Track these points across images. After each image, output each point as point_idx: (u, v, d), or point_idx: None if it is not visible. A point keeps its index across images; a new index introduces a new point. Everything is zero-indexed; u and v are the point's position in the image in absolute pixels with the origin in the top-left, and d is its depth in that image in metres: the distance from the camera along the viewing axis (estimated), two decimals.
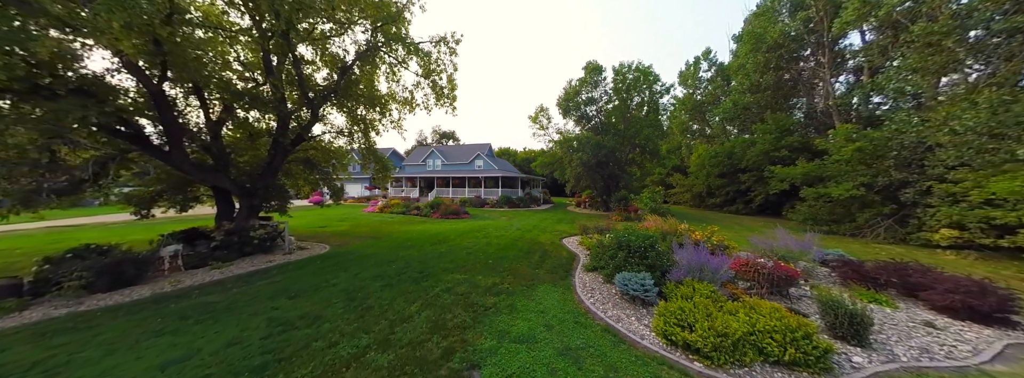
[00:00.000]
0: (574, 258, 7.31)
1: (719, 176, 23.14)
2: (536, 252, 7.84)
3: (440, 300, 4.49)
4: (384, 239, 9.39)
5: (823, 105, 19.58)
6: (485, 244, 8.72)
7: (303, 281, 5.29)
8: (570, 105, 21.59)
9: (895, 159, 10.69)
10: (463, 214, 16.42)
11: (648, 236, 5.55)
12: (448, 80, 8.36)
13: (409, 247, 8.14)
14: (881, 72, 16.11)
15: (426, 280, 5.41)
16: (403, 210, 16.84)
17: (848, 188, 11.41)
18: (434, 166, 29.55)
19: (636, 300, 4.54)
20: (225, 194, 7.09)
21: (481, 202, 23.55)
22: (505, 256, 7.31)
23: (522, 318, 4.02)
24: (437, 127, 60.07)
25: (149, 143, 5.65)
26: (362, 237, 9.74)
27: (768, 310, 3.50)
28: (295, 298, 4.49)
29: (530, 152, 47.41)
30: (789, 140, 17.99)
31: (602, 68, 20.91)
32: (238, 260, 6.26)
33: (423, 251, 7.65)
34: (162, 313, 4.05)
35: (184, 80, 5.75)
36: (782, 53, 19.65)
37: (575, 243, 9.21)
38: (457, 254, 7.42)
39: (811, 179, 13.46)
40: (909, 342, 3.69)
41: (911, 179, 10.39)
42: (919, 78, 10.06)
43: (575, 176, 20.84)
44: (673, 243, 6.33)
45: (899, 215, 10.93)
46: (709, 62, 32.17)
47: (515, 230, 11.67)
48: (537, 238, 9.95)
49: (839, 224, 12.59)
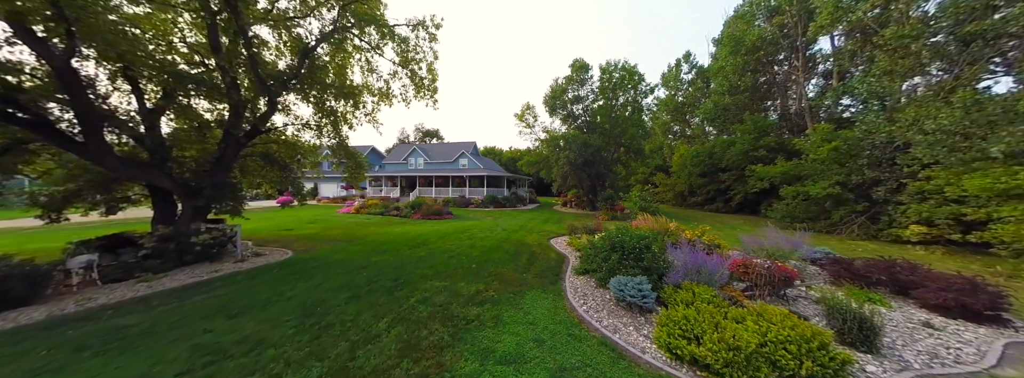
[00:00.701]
0: (563, 260, 6.92)
1: (700, 175, 23.63)
2: (523, 254, 7.39)
3: (415, 313, 3.93)
4: (357, 242, 8.63)
5: (797, 107, 20.38)
6: (469, 247, 8.18)
7: (251, 294, 4.55)
8: (557, 103, 21.34)
9: (868, 158, 11.06)
10: (446, 214, 15.75)
11: (642, 236, 5.23)
12: (428, 69, 7.74)
13: (384, 251, 7.46)
14: (849, 76, 16.91)
15: (400, 289, 4.82)
16: (381, 211, 15.95)
17: (824, 186, 11.73)
18: (416, 165, 28.53)
19: (633, 307, 4.17)
20: (164, 194, 6.10)
21: (466, 202, 22.89)
22: (490, 259, 6.81)
23: (509, 332, 3.55)
24: (420, 125, 58.55)
25: (56, 132, 4.69)
26: (332, 240, 8.93)
27: (779, 317, 3.21)
28: (236, 317, 3.78)
29: (516, 151, 47.05)
30: (766, 140, 18.53)
31: (589, 66, 20.81)
32: (175, 271, 5.36)
33: (400, 255, 7.01)
34: (52, 343, 3.21)
35: (109, 58, 4.85)
36: (760, 56, 20.27)
37: (563, 244, 8.84)
38: (438, 258, 6.84)
39: (789, 178, 13.82)
40: (916, 346, 3.52)
41: (883, 178, 10.78)
42: (888, 80, 10.45)
43: (562, 175, 20.60)
44: (667, 243, 6.06)
45: (871, 212, 11.33)
46: (690, 64, 32.97)
47: (501, 231, 11.19)
48: (524, 239, 9.52)
49: (815, 221, 12.98)
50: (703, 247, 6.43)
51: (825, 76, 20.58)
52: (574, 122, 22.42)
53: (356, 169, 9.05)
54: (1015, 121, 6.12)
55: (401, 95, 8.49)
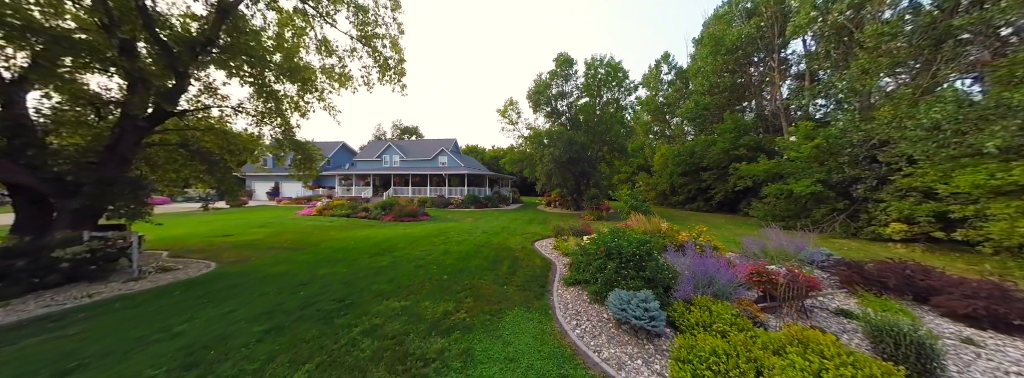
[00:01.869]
0: (550, 267, 6.06)
1: (681, 174, 23.74)
2: (504, 261, 6.47)
3: (354, 353, 2.90)
4: (307, 250, 7.34)
5: (772, 107, 20.84)
6: (442, 253, 7.15)
7: (120, 332, 3.26)
8: (541, 98, 20.58)
9: (849, 156, 11.08)
10: (422, 216, 14.53)
11: (642, 241, 4.46)
12: (392, 46, 6.61)
13: (337, 261, 6.27)
14: (821, 77, 17.37)
15: (344, 314, 3.75)
16: (348, 212, 14.47)
17: (808, 184, 11.68)
18: (391, 162, 26.83)
19: (639, 331, 3.36)
20: (28, 193, 4.58)
21: (445, 202, 21.65)
22: (465, 268, 5.83)
23: (483, 375, 2.62)
24: (397, 122, 56.13)
25: None
26: (277, 248, 7.58)
27: (831, 349, 2.47)
28: (73, 374, 2.57)
29: (499, 150, 45.97)
30: (746, 139, 18.72)
31: (573, 61, 20.21)
32: (29, 296, 3.96)
33: (355, 266, 5.86)
34: None
35: None
36: (738, 56, 20.52)
37: (549, 247, 8.01)
38: (402, 269, 5.77)
39: (772, 176, 13.80)
40: (971, 371, 2.93)
41: (862, 175, 10.81)
42: (868, 79, 10.49)
43: (546, 173, 19.85)
44: (667, 247, 5.35)
45: (850, 210, 11.40)
46: (669, 65, 33.40)
47: (480, 233, 10.21)
48: (506, 242, 8.60)
49: (796, 219, 13.04)
50: (702, 250, 5.81)
51: (797, 78, 21.25)
52: (558, 119, 21.78)
53: (306, 163, 7.72)
54: (1007, 115, 5.97)
55: (363, 78, 7.30)
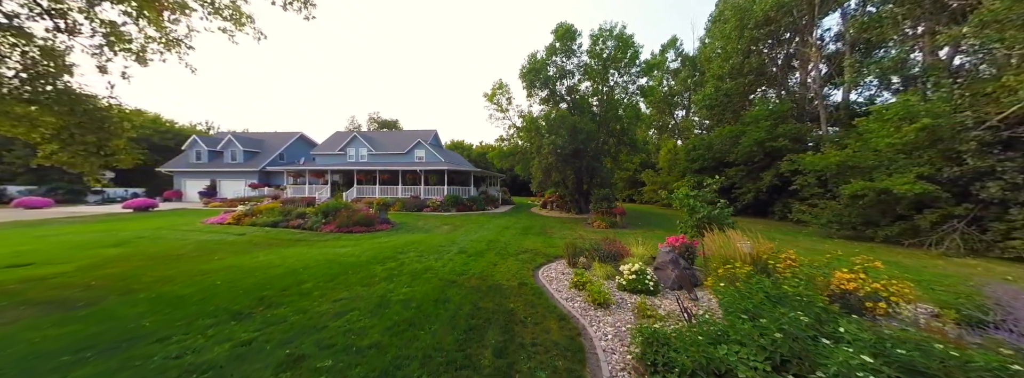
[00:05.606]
0: (578, 343, 2.41)
1: (697, 172, 20.55)
2: (489, 327, 2.78)
3: None
4: (98, 306, 3.40)
5: (809, 91, 17.87)
6: (378, 302, 3.41)
7: None
8: (536, 79, 16.89)
9: (976, 140, 7.93)
10: (380, 224, 10.64)
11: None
12: None
13: (135, 339, 2.38)
14: (883, 49, 14.44)
15: None
16: (277, 219, 10.41)
17: (907, 181, 8.50)
18: (357, 156, 22.55)
19: None
20: None
21: (420, 204, 17.72)
22: (404, 357, 2.11)
23: None
24: (375, 114, 51.34)
25: None
26: (39, 304, 3.62)
27: None
28: None
29: (487, 147, 41.81)
30: (785, 128, 15.61)
31: (577, 32, 16.61)
32: None
33: (155, 356, 2.04)
34: None
35: None
36: (770, 30, 17.46)
37: (564, 281, 4.38)
38: (265, 357, 2.00)
39: (843, 169, 10.63)
40: None
41: (1000, 168, 7.68)
42: (1015, 30, 7.36)
43: (544, 168, 16.14)
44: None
45: (970, 217, 8.29)
46: (676, 51, 30.40)
47: (456, 254, 6.49)
48: (492, 274, 4.91)
49: (873, 228, 9.94)
50: (871, 306, 2.33)
51: (830, 59, 18.42)
52: (557, 105, 18.19)
53: (91, 133, 3.58)
54: None
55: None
